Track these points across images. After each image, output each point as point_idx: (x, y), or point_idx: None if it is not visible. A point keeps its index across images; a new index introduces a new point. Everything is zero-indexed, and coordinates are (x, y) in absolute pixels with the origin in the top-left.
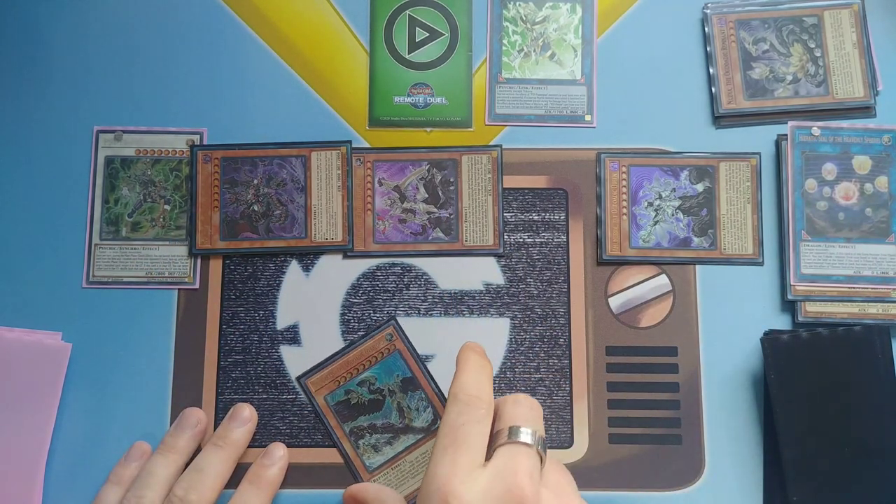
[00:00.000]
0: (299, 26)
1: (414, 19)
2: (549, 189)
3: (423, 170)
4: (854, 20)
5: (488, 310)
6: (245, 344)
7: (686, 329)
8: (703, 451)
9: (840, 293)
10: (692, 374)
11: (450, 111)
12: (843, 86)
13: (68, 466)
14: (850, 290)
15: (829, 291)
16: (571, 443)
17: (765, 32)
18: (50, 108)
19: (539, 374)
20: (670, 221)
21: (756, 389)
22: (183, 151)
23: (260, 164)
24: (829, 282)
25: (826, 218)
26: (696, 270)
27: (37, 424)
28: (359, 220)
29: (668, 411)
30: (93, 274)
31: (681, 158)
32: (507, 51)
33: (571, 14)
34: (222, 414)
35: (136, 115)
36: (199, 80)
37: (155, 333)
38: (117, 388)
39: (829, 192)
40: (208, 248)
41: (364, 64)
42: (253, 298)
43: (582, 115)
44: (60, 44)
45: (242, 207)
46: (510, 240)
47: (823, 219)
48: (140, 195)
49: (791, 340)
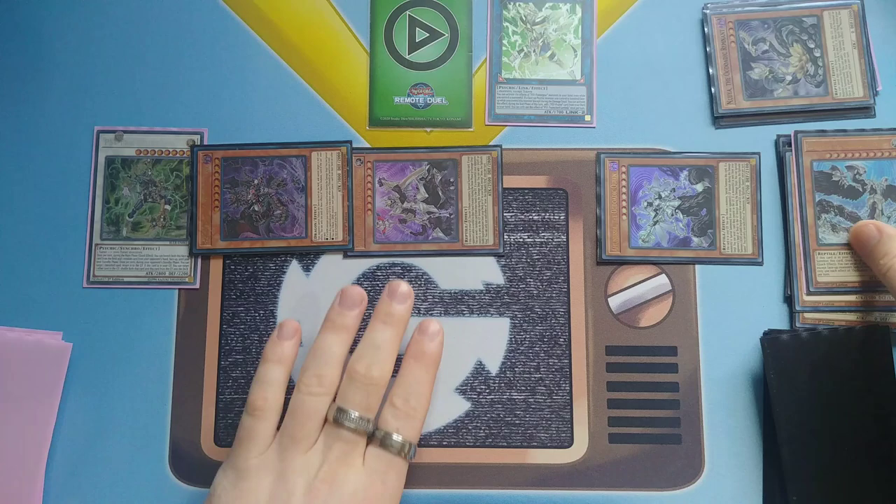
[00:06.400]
0: (299, 26)
1: (414, 20)
2: (549, 189)
3: (423, 170)
4: (853, 20)
5: (488, 310)
6: (245, 344)
7: (686, 329)
8: (702, 451)
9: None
10: (692, 373)
11: (450, 111)
12: (843, 86)
13: (68, 466)
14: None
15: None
16: (571, 442)
17: (764, 33)
18: (51, 108)
19: (539, 373)
20: (670, 221)
21: (756, 389)
22: (183, 151)
23: (260, 164)
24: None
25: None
26: (695, 270)
27: (37, 424)
28: (359, 220)
29: (668, 411)
30: (93, 274)
31: (680, 158)
32: (507, 51)
33: (571, 14)
34: (222, 414)
35: (136, 116)
36: (200, 80)
37: (155, 333)
38: (117, 388)
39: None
40: (209, 248)
41: (364, 64)
42: (253, 298)
43: (582, 116)
44: (61, 44)
45: (243, 207)
46: (510, 240)
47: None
48: (141, 195)
49: (791, 340)
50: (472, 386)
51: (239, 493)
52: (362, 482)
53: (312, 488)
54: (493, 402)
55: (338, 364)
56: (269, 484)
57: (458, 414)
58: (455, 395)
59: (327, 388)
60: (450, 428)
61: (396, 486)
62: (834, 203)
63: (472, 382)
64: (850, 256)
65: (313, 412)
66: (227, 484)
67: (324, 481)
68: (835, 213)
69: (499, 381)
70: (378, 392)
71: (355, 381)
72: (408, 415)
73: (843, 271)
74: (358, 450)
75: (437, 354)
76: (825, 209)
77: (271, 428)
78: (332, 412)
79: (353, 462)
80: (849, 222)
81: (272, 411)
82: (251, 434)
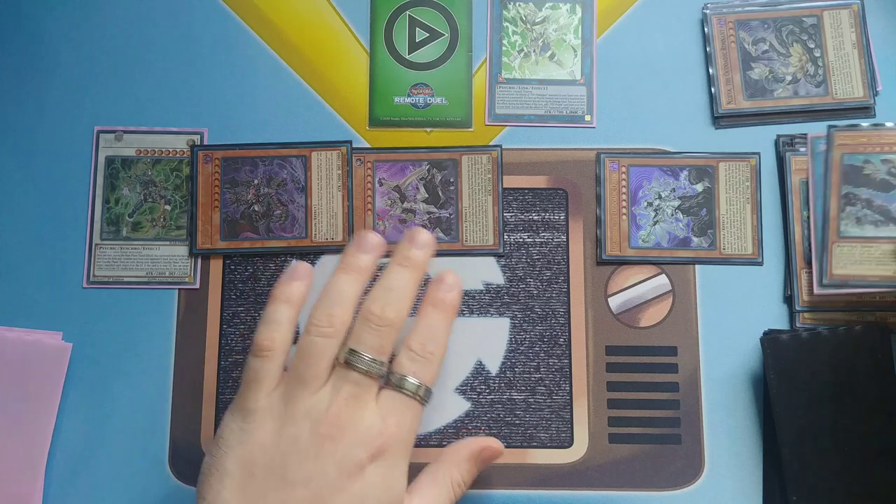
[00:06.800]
0: (299, 26)
1: (414, 20)
2: (548, 189)
3: (423, 170)
4: (853, 20)
5: (488, 310)
6: (245, 344)
7: (686, 329)
8: (702, 451)
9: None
10: (692, 373)
11: (450, 111)
12: (843, 86)
13: (68, 466)
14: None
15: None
16: (571, 442)
17: (764, 33)
18: (51, 108)
19: (539, 373)
20: (670, 221)
21: (756, 389)
22: (183, 151)
23: (260, 165)
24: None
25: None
26: (695, 270)
27: (37, 424)
28: (359, 220)
29: (668, 411)
30: (93, 274)
31: (680, 158)
32: (507, 51)
33: (571, 14)
34: (222, 414)
35: (136, 116)
36: (200, 80)
37: (155, 333)
38: (117, 388)
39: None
40: (209, 248)
41: (364, 64)
42: (253, 298)
43: (582, 116)
44: (61, 44)
45: (243, 207)
46: (510, 240)
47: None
48: (141, 195)
49: (790, 340)
50: (472, 386)
51: (245, 435)
52: (375, 424)
53: (319, 431)
54: (493, 402)
55: (350, 305)
56: (275, 426)
57: (458, 414)
58: (455, 395)
59: (338, 328)
60: (450, 428)
61: (410, 430)
62: (862, 196)
63: (472, 382)
64: (870, 250)
65: (322, 352)
66: (234, 426)
67: (332, 424)
68: (861, 206)
69: (499, 381)
70: (392, 335)
71: (369, 322)
72: (425, 358)
73: (860, 265)
74: (369, 393)
75: (456, 303)
76: (851, 202)
77: (278, 369)
78: (342, 353)
79: (365, 405)
80: (877, 215)
81: (279, 352)
82: (257, 375)
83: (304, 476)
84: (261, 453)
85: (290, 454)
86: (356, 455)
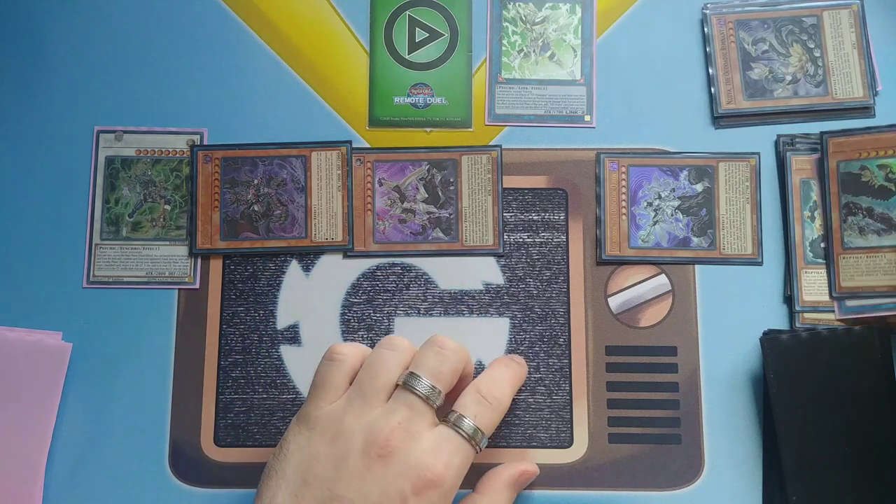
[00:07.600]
0: (299, 26)
1: (414, 20)
2: (548, 189)
3: (423, 170)
4: (853, 20)
5: (488, 310)
6: (245, 344)
7: (685, 329)
8: (702, 451)
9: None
10: (692, 373)
11: (450, 111)
12: (843, 86)
13: (68, 466)
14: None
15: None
16: (571, 442)
17: (764, 33)
18: (50, 108)
19: (539, 373)
20: (670, 221)
21: (755, 389)
22: (183, 151)
23: (260, 164)
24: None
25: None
26: (695, 270)
27: (37, 424)
28: (359, 220)
29: (668, 411)
30: (93, 274)
31: (680, 158)
32: (507, 51)
33: (571, 14)
34: (222, 414)
35: (136, 116)
36: (200, 80)
37: (155, 333)
38: (117, 388)
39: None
40: (209, 248)
41: (364, 64)
42: (253, 298)
43: (581, 116)
44: (61, 44)
45: (243, 207)
46: (510, 240)
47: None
48: (140, 195)
49: (790, 340)
50: None
51: (305, 441)
52: (425, 459)
53: (369, 452)
54: None
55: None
56: (332, 436)
57: None
58: None
59: (407, 348)
60: None
61: (458, 474)
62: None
63: None
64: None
65: (389, 368)
66: (297, 430)
67: (383, 446)
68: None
69: None
70: (450, 363)
71: (431, 345)
72: (490, 403)
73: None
74: (424, 421)
75: (524, 372)
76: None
77: (345, 377)
78: (403, 376)
79: (418, 434)
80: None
81: (350, 359)
82: (324, 380)
83: (349, 494)
84: (316, 462)
85: (341, 469)
86: (401, 486)
